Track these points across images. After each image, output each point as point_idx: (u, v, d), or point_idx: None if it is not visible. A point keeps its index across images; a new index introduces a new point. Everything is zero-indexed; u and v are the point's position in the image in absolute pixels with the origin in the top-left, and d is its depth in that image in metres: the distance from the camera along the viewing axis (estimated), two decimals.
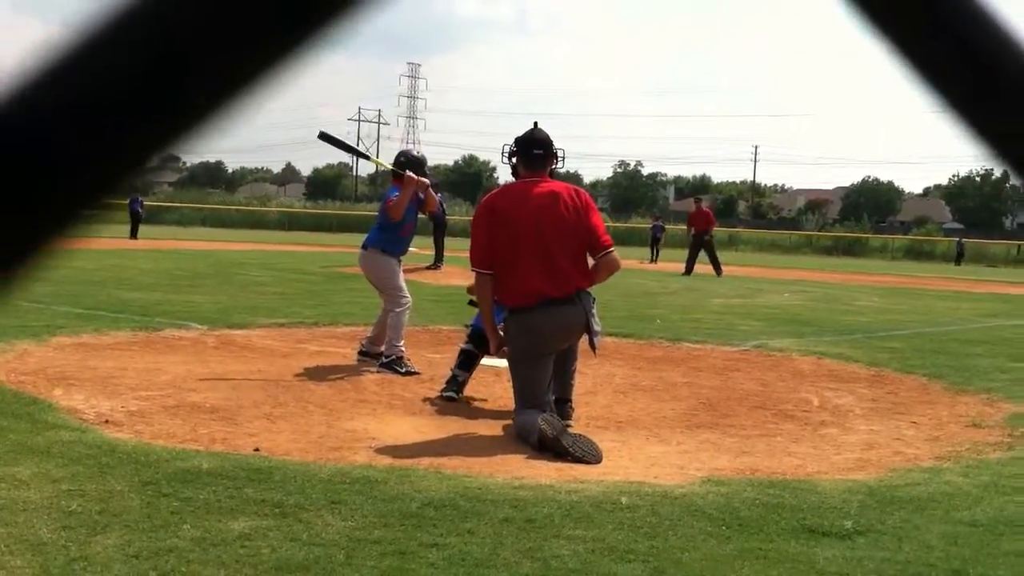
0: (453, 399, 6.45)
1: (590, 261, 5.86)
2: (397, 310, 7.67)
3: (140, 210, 35.07)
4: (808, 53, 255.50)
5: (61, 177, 0.44)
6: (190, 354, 8.01)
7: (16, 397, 5.78)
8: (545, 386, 5.68)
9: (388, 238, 7.81)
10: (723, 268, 25.08)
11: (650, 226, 40.10)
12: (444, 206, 22.88)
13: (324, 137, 7.79)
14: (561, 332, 5.75)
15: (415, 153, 8.41)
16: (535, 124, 6.19)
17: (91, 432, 5.05)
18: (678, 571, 3.36)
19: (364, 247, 7.94)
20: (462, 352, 6.66)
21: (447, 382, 6.59)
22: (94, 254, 22.71)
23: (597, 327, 5.82)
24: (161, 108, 0.44)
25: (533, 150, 5.91)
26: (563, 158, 6.10)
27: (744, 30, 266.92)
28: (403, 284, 7.82)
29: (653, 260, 33.87)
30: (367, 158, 7.68)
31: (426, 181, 7.74)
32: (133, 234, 33.12)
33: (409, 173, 7.59)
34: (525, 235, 5.65)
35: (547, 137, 6.02)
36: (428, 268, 20.18)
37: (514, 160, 6.04)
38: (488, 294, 5.83)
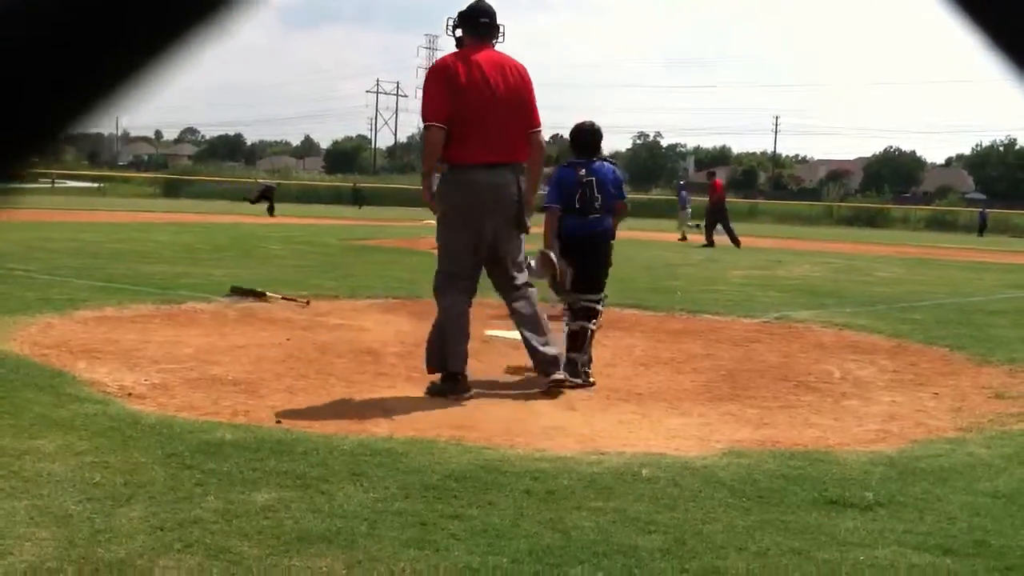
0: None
1: None
2: None
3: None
4: (828, 22, 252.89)
5: None
6: (211, 327, 8.04)
7: (40, 370, 5.83)
8: (468, 259, 5.97)
9: None
10: (740, 239, 24.94)
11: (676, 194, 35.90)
12: None
13: None
14: (495, 192, 5.93)
15: None
16: None
17: (114, 405, 5.08)
18: (698, 542, 3.36)
19: None
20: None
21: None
22: (111, 227, 22.81)
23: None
24: (72, 77, 0.43)
25: (480, 19, 6.10)
26: (503, 33, 6.28)
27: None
28: None
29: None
30: None
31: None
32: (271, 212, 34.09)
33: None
34: (476, 98, 5.85)
35: (492, 8, 6.19)
36: None
37: (458, 33, 6.17)
38: (438, 147, 5.93)
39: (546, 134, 6.38)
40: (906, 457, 4.59)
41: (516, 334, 6.54)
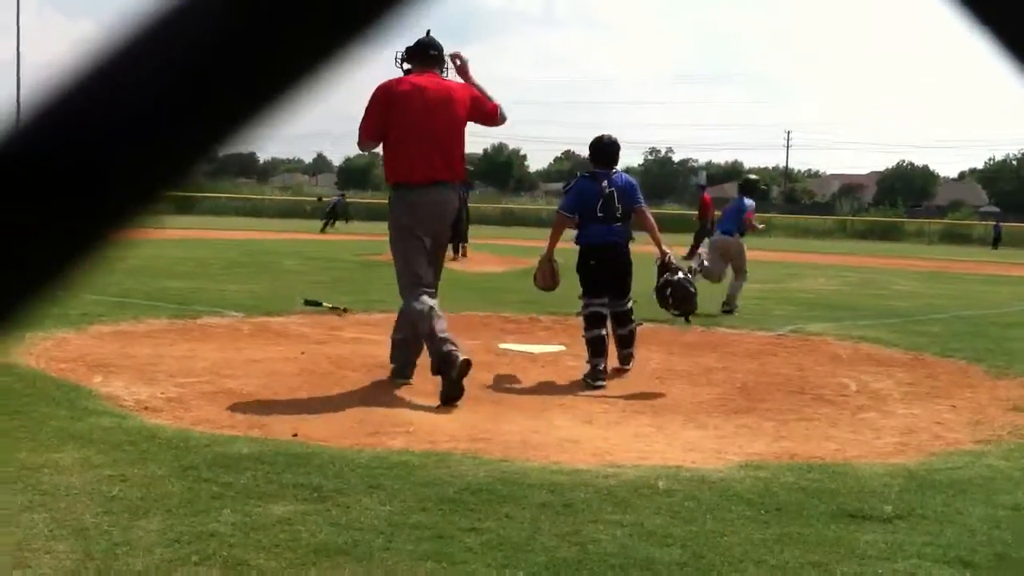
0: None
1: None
2: None
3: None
4: (840, 37, 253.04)
5: (116, 174, 0.43)
6: (226, 341, 8.06)
7: (56, 385, 5.85)
8: (424, 264, 6.15)
9: None
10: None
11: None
12: (466, 199, 22.73)
13: None
14: (439, 209, 6.22)
15: None
16: (428, 32, 6.52)
17: (131, 418, 5.09)
18: (716, 555, 3.35)
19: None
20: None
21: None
22: (125, 243, 22.91)
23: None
24: (209, 111, 0.43)
25: (430, 51, 6.36)
26: (448, 69, 6.53)
27: (775, 14, 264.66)
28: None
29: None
30: None
31: None
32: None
33: None
34: (420, 121, 6.05)
35: (440, 44, 6.43)
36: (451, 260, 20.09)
37: (407, 66, 6.43)
38: (364, 144, 6.36)
39: (559, 150, 6.62)
40: (925, 470, 4.56)
41: (530, 347, 6.56)
